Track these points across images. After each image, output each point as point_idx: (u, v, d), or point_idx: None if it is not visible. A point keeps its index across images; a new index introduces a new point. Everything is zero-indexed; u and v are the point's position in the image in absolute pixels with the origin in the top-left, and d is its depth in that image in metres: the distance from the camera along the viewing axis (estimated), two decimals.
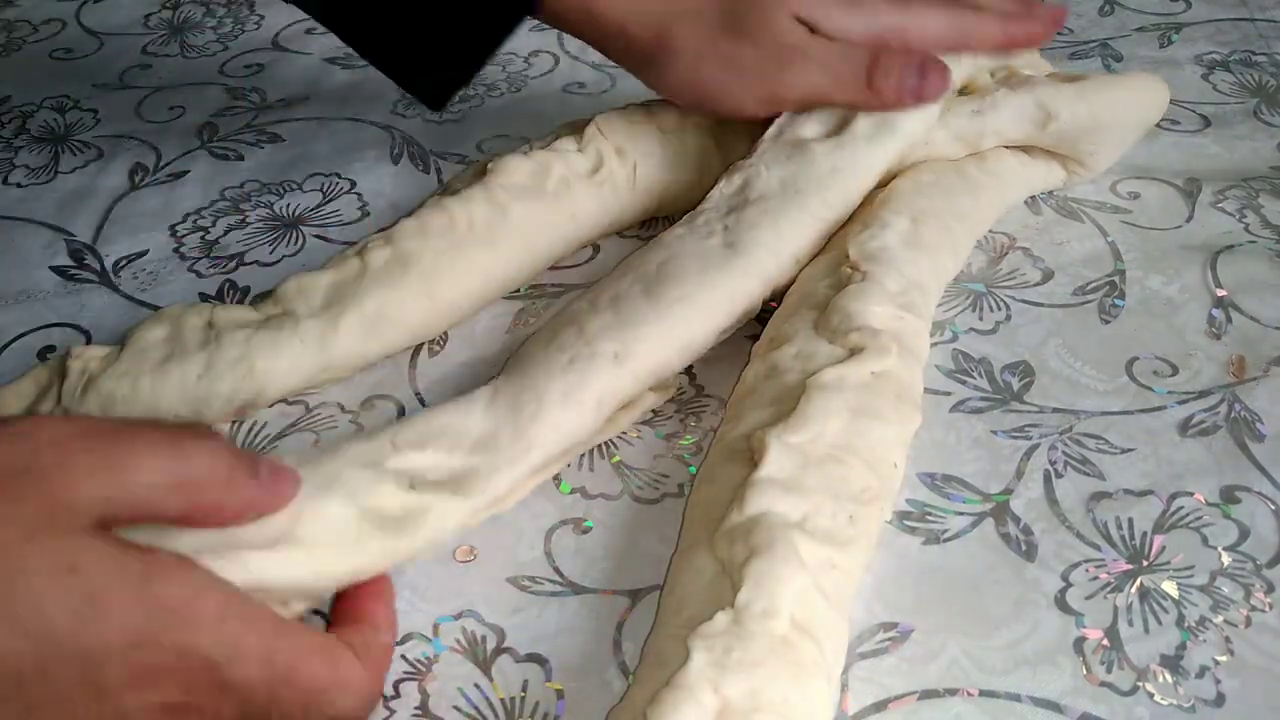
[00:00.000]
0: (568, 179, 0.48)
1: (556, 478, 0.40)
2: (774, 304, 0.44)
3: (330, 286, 0.43)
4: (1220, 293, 0.47)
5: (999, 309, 0.47)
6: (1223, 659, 0.34)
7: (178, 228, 0.54)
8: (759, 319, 0.43)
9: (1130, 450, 0.40)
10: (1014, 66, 0.51)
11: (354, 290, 0.43)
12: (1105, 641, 0.34)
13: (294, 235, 0.53)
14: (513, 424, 0.37)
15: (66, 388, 0.40)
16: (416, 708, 0.34)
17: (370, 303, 0.43)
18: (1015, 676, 0.33)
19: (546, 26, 0.70)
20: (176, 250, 0.53)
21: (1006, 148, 0.50)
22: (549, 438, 0.37)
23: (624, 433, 0.42)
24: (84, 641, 0.25)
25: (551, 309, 0.48)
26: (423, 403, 0.44)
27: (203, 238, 0.53)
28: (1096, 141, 0.50)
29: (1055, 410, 0.42)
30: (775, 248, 0.43)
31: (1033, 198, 0.52)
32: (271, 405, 0.43)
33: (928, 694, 0.33)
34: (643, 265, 0.42)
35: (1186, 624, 0.35)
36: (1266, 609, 0.35)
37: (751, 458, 0.36)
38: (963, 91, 0.50)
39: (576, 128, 0.50)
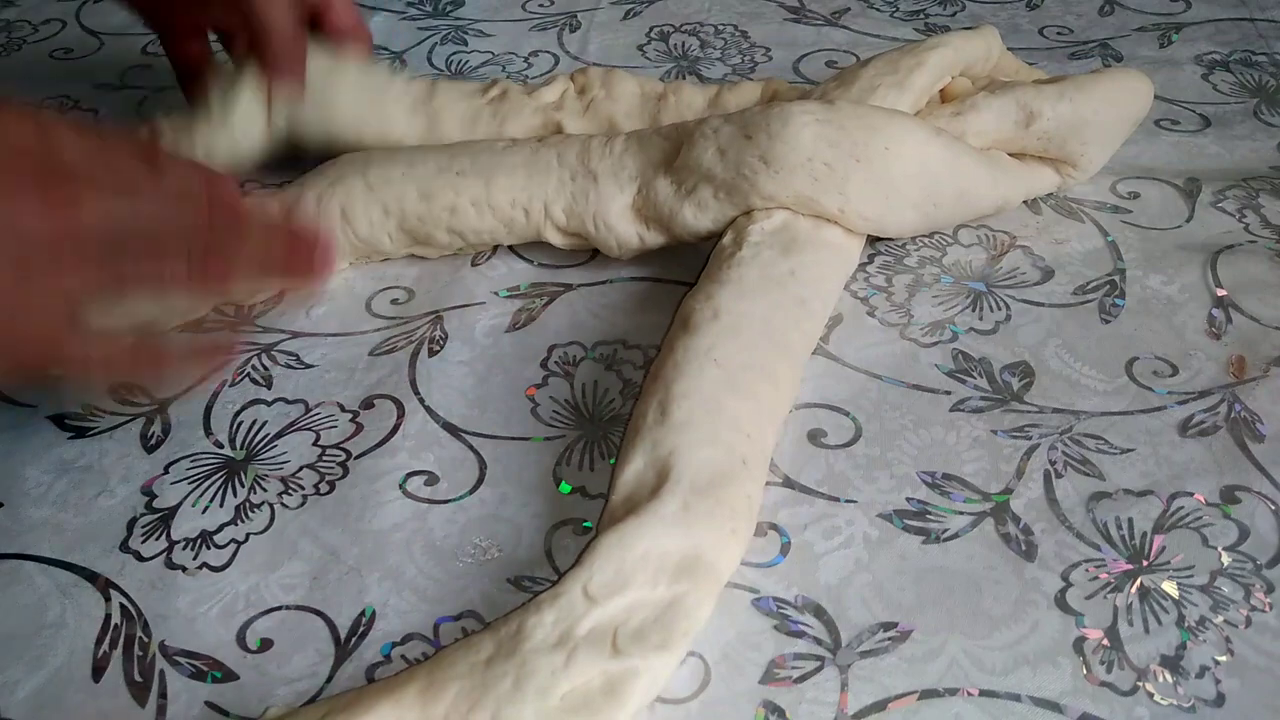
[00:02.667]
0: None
1: (557, 478, 0.40)
2: None
3: None
4: (1220, 293, 0.47)
5: (999, 309, 0.47)
6: (1223, 659, 0.34)
7: None
8: None
9: (1130, 450, 0.40)
10: (995, 76, 0.52)
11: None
12: (1105, 641, 0.34)
13: None
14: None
15: None
16: None
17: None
18: (1015, 676, 0.33)
19: (547, 26, 0.71)
20: None
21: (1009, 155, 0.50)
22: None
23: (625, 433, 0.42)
24: None
25: (549, 307, 0.48)
26: (423, 402, 0.44)
27: None
28: (1085, 141, 0.50)
29: (1055, 410, 0.42)
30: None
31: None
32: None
33: (928, 694, 0.33)
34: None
35: (1186, 624, 0.35)
36: (1266, 609, 0.35)
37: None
38: (943, 97, 0.50)
39: None
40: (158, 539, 0.39)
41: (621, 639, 0.32)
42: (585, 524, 0.39)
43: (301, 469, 0.41)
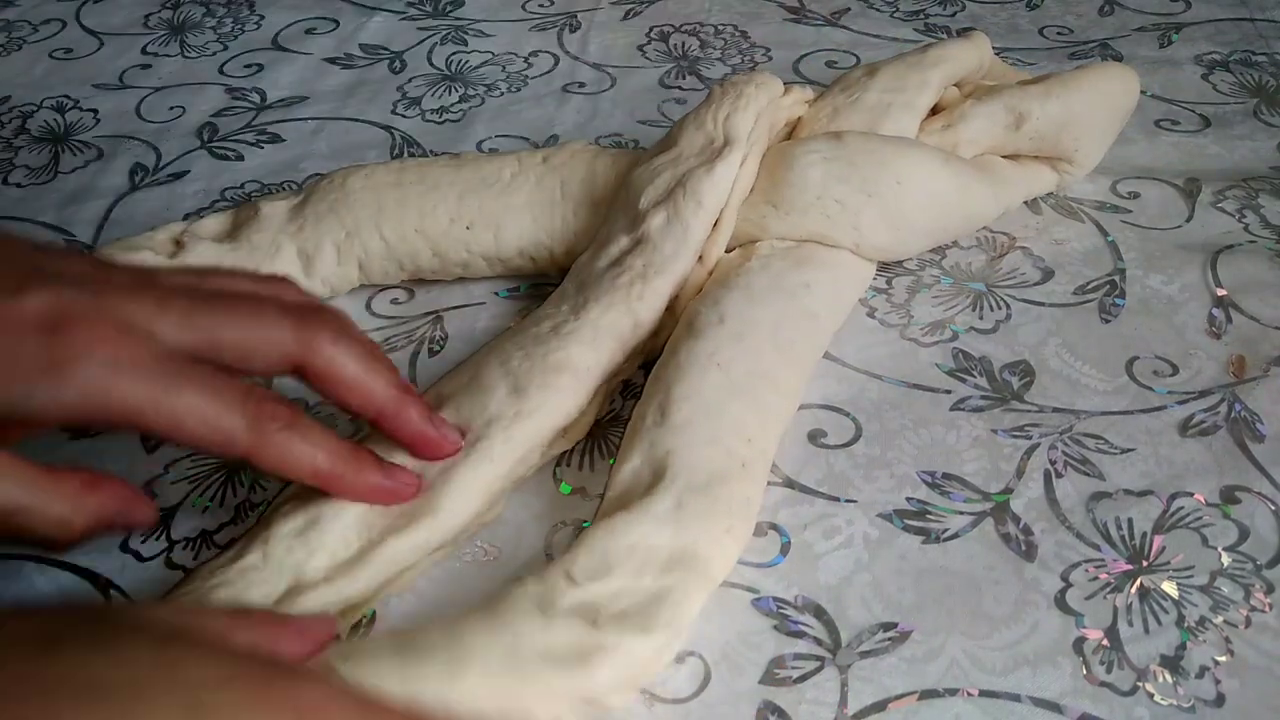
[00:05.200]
0: None
1: (557, 478, 0.40)
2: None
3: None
4: (1220, 292, 0.47)
5: (999, 308, 0.47)
6: (1223, 659, 0.34)
7: None
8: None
9: (1130, 450, 0.40)
10: (980, 81, 0.51)
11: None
12: (1105, 641, 0.34)
13: None
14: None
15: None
16: None
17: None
18: (1015, 676, 0.33)
19: (547, 26, 0.71)
20: None
21: (1004, 158, 0.50)
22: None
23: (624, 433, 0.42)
24: None
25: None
26: None
27: None
28: (1077, 136, 0.50)
29: (1055, 410, 0.42)
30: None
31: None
32: None
33: (928, 694, 0.33)
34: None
35: (1186, 624, 0.35)
36: (1266, 609, 0.35)
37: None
38: (933, 111, 0.50)
39: None
40: (158, 539, 0.39)
41: (602, 619, 0.31)
42: (585, 524, 0.39)
43: None
